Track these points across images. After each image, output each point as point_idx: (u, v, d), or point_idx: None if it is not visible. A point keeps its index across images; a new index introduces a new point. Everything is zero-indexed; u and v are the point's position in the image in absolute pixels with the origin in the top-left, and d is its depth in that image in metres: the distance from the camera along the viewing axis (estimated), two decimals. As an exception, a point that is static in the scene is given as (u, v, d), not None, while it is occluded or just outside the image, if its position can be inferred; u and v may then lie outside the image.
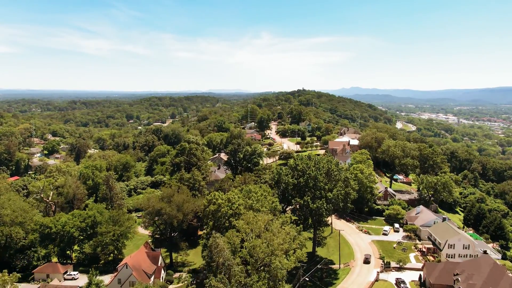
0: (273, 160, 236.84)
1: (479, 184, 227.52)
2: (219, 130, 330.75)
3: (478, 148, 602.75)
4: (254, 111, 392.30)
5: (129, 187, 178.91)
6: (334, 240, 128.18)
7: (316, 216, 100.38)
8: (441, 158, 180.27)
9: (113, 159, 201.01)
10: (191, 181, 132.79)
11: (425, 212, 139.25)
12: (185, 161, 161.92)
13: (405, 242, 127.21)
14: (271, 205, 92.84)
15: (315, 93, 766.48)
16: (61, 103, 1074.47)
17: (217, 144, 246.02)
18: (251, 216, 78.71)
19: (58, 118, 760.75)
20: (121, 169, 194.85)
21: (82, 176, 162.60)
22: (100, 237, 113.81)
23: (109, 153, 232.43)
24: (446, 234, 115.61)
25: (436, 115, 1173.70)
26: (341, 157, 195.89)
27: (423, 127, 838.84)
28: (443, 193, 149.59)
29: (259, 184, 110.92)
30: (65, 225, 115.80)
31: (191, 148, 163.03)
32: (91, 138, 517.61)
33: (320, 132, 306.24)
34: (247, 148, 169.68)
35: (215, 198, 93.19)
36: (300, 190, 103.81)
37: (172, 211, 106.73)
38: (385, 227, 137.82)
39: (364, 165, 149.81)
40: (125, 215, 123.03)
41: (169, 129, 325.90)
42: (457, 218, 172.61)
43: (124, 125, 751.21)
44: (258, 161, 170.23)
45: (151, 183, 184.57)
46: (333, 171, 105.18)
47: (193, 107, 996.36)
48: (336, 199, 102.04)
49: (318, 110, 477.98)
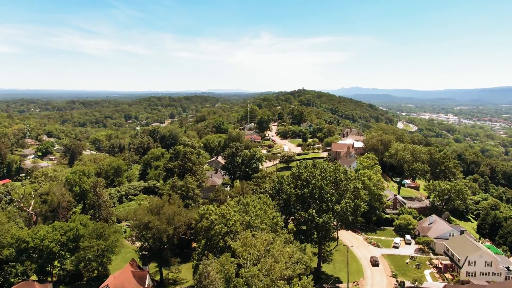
0: (273, 163, 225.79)
1: (489, 189, 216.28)
2: (218, 131, 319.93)
3: (481, 149, 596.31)
4: (253, 112, 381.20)
5: (120, 193, 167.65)
6: (341, 253, 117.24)
7: (322, 231, 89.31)
8: (454, 162, 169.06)
9: (103, 163, 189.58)
10: (184, 189, 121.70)
11: (439, 222, 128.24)
12: (179, 166, 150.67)
13: (418, 256, 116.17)
14: (272, 220, 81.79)
15: (315, 93, 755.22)
16: (59, 103, 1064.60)
17: (214, 147, 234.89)
18: (248, 237, 67.86)
19: (56, 118, 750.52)
20: (112, 174, 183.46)
21: (68, 183, 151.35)
22: (83, 252, 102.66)
23: (100, 156, 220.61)
24: (465, 249, 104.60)
25: (436, 115, 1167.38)
26: (345, 161, 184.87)
27: (424, 127, 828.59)
28: (457, 201, 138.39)
29: (258, 194, 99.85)
30: (44, 239, 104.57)
31: (186, 152, 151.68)
32: (87, 139, 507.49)
33: (322, 133, 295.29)
34: (246, 152, 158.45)
35: (208, 213, 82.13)
36: (304, 202, 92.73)
37: (161, 225, 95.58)
38: (395, 239, 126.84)
39: (372, 170, 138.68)
40: (111, 227, 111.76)
41: (166, 130, 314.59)
42: (469, 227, 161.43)
43: (122, 125, 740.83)
44: (257, 166, 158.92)
45: (144, 189, 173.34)
46: (341, 180, 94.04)
47: (193, 107, 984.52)
48: (345, 212, 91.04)
49: (319, 111, 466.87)
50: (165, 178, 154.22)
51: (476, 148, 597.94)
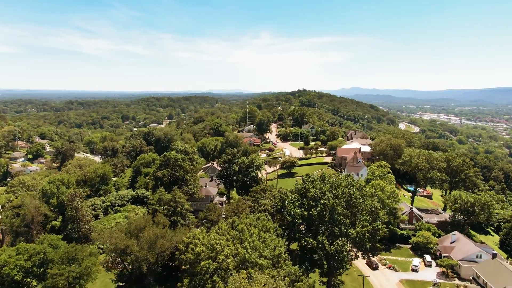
0: (273, 169, 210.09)
1: (507, 197, 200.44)
2: (216, 134, 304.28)
3: (485, 150, 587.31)
4: (253, 113, 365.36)
5: (105, 204, 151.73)
6: (352, 278, 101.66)
7: (335, 262, 73.59)
8: (474, 171, 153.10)
9: (88, 170, 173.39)
10: (172, 204, 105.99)
11: (463, 241, 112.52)
12: (169, 174, 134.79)
13: (442, 282, 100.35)
14: (273, 252, 66.14)
15: (316, 93, 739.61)
16: (58, 104, 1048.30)
17: (210, 151, 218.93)
18: (243, 281, 52.50)
19: (52, 119, 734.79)
20: (98, 182, 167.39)
21: (44, 194, 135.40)
22: (51, 280, 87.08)
23: (86, 162, 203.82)
24: (500, 277, 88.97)
25: (437, 116, 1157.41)
26: (352, 167, 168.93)
27: (426, 128, 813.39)
28: (481, 216, 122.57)
29: (256, 214, 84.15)
30: (5, 265, 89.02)
31: (177, 159, 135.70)
32: (81, 141, 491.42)
33: (324, 136, 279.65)
34: (243, 159, 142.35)
35: (194, 243, 66.44)
36: (311, 225, 77.11)
37: (140, 251, 79.88)
38: (413, 260, 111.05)
39: (385, 181, 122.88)
40: (85, 249, 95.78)
41: (161, 132, 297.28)
42: (491, 242, 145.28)
43: (119, 126, 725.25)
44: (255, 175, 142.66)
45: (132, 199, 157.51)
46: (356, 198, 78.39)
47: (192, 108, 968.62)
48: (362, 237, 75.38)
49: (321, 111, 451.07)
50: (154, 187, 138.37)
51: (480, 149, 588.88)
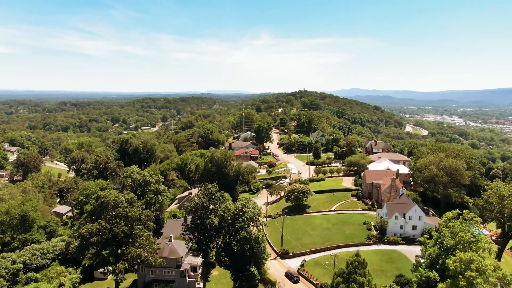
0: (276, 198, 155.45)
1: None
2: (205, 143, 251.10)
3: (501, 156, 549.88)
4: (250, 117, 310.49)
5: (16, 265, 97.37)
6: None
7: None
8: None
9: (11, 203, 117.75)
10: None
11: None
12: (103, 233, 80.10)
13: None
14: None
15: (318, 94, 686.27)
16: (50, 105, 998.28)
17: (191, 172, 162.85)
18: None
19: (38, 121, 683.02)
20: (16, 225, 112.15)
21: None
22: None
23: (11, 190, 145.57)
24: None
25: (441, 117, 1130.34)
26: (393, 206, 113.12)
27: (435, 131, 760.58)
28: None
29: None
30: None
31: (118, 205, 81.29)
32: (57, 148, 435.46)
33: (338, 147, 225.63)
34: (227, 205, 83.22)
35: None
36: None
37: None
38: None
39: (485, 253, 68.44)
40: None
41: (139, 141, 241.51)
42: None
43: (107, 129, 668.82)
44: (247, 234, 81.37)
45: (61, 254, 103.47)
46: None
47: (188, 109, 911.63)
48: None
49: (328, 114, 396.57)
50: (79, 250, 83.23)
51: (496, 154, 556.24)
